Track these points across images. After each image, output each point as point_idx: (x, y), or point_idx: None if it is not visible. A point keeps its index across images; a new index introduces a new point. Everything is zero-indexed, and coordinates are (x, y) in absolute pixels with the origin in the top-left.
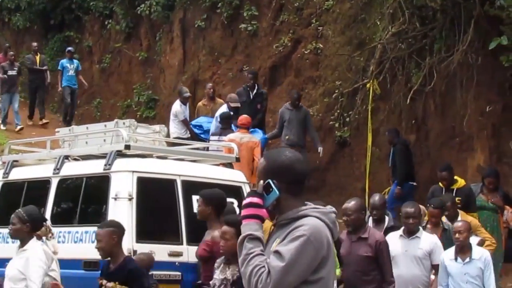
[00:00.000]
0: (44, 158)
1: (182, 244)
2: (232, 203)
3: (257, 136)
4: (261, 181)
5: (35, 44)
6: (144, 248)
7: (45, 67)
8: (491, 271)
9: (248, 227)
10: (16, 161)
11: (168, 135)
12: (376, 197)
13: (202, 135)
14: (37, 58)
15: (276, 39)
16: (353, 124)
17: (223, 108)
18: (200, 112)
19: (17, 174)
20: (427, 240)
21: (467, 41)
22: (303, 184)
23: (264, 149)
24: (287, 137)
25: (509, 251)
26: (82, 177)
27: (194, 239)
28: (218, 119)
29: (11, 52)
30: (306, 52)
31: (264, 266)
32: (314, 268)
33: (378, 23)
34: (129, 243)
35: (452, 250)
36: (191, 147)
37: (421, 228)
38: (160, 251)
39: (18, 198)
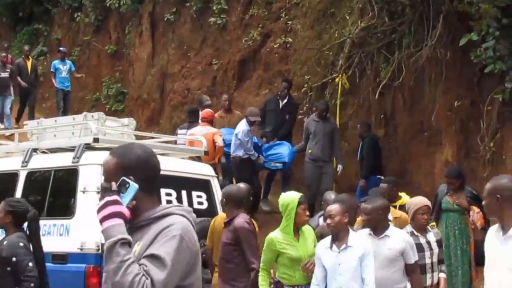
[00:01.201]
0: (13, 151)
1: None
2: (208, 219)
3: (284, 149)
4: (113, 182)
5: (26, 48)
6: None
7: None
8: (370, 261)
9: (116, 230)
10: None
11: (136, 129)
12: (332, 195)
13: (224, 149)
14: (28, 63)
15: (245, 33)
16: None
17: (242, 124)
18: (217, 124)
19: None
20: (398, 238)
21: (436, 36)
22: (157, 181)
23: (292, 163)
24: (310, 150)
25: (479, 253)
26: (51, 170)
27: None
28: (239, 136)
29: (3, 54)
30: (275, 46)
31: (144, 275)
32: (188, 270)
33: (347, 18)
34: (97, 237)
35: (329, 238)
36: (160, 141)
37: (391, 226)
38: None
39: None
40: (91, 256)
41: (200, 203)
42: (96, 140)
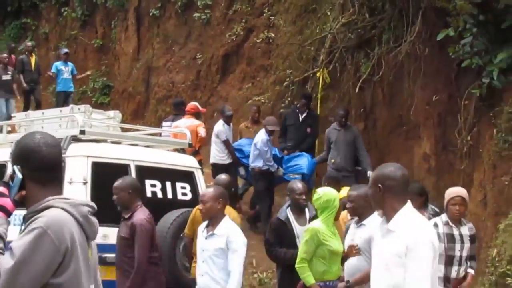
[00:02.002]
0: (1, 143)
1: None
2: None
3: (303, 160)
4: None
5: (29, 44)
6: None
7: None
8: (236, 252)
9: None
10: None
11: (122, 121)
12: (299, 184)
13: (243, 160)
14: (32, 59)
15: (229, 28)
16: None
17: (261, 134)
18: (242, 135)
19: None
20: (373, 227)
21: (414, 32)
22: (53, 172)
23: (313, 174)
24: (332, 160)
25: None
26: None
27: None
28: (257, 145)
29: (5, 55)
30: (258, 41)
31: None
32: (55, 268)
33: (329, 14)
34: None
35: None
36: (145, 133)
37: (374, 214)
38: (114, 234)
39: None
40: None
41: (184, 194)
42: (82, 132)
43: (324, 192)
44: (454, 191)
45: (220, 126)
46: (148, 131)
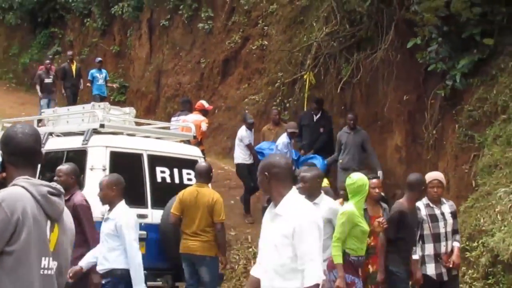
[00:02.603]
0: None
1: (147, 208)
2: None
3: (315, 162)
4: None
5: (70, 52)
6: None
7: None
8: (127, 232)
9: None
10: None
11: (136, 116)
12: (308, 173)
13: None
14: (73, 66)
15: (228, 37)
16: (292, 109)
17: (283, 137)
18: (265, 137)
19: None
20: (325, 206)
21: (388, 41)
22: (27, 157)
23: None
24: (340, 160)
25: None
26: (64, 151)
27: (157, 204)
28: (278, 147)
29: (47, 61)
30: (253, 48)
31: None
32: (7, 236)
33: (314, 25)
34: (102, 207)
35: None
36: (156, 127)
37: (322, 194)
38: None
39: None
40: (98, 223)
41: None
42: (102, 125)
43: (358, 178)
44: (432, 175)
45: (243, 132)
46: (158, 125)
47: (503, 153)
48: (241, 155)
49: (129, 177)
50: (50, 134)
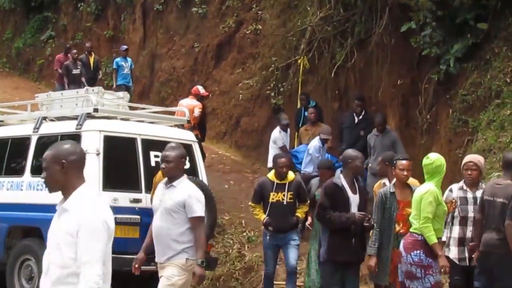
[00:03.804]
0: (25, 119)
1: (141, 192)
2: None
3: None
4: None
5: (88, 44)
6: (109, 195)
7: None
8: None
9: None
10: (1, 121)
11: (130, 101)
12: (355, 153)
13: (298, 165)
14: (91, 59)
15: (222, 21)
16: (286, 93)
17: (315, 140)
18: (302, 137)
19: (2, 132)
20: (181, 190)
21: (382, 25)
22: None
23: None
24: (369, 165)
25: None
26: (57, 135)
27: (151, 188)
28: (310, 151)
29: (74, 51)
30: (247, 32)
31: None
32: None
33: (308, 9)
34: (96, 191)
35: None
36: (150, 111)
37: (183, 177)
38: (123, 198)
39: (3, 152)
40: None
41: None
42: (96, 110)
43: (436, 158)
44: (468, 158)
45: (276, 133)
46: (152, 110)
47: (496, 137)
48: None
49: (123, 161)
50: (44, 118)
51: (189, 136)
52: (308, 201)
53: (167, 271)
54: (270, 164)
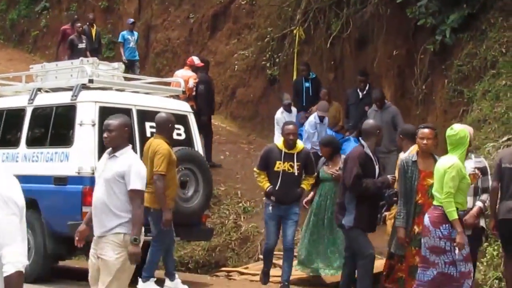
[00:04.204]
0: (20, 91)
1: None
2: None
3: (349, 145)
4: None
5: (91, 15)
6: None
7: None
8: None
9: None
10: None
11: (124, 72)
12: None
13: None
14: (93, 30)
15: None
16: (281, 64)
17: (311, 117)
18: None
19: None
20: (123, 161)
21: None
22: None
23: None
24: None
25: None
26: (52, 106)
27: None
28: (305, 127)
29: (79, 24)
30: (243, 2)
31: None
32: None
33: None
34: (92, 162)
35: None
36: (145, 82)
37: (127, 148)
38: None
39: None
40: (87, 178)
41: (179, 134)
42: (91, 81)
43: (460, 129)
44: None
45: (278, 114)
46: (147, 80)
47: (492, 108)
48: (278, 139)
49: None
50: (39, 89)
51: (184, 107)
52: (315, 174)
53: (104, 251)
54: None
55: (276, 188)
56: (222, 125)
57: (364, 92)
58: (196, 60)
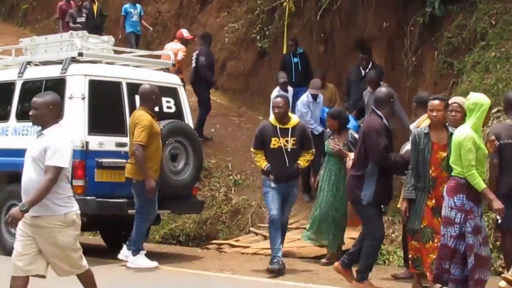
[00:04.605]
0: (10, 64)
1: (126, 136)
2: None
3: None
4: None
5: None
6: (95, 139)
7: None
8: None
9: None
10: None
11: (114, 45)
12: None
13: None
14: (94, 6)
15: None
16: (271, 36)
17: (304, 96)
18: None
19: None
20: (47, 137)
21: None
22: None
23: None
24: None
25: None
26: (42, 80)
27: None
28: (298, 106)
29: None
30: None
31: None
32: None
33: None
34: (82, 135)
35: None
36: (135, 55)
37: (55, 125)
38: (109, 142)
39: None
40: (77, 152)
41: (169, 107)
42: (80, 54)
43: (476, 96)
44: (453, 99)
45: (274, 93)
46: (137, 53)
47: (481, 79)
48: None
49: (108, 105)
50: (28, 63)
51: (174, 80)
52: (313, 150)
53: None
54: None
55: (273, 166)
56: (212, 97)
57: (367, 70)
58: (185, 33)
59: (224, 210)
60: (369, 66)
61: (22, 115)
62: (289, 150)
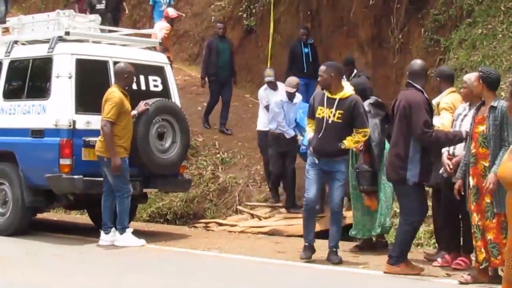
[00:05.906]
0: None
1: None
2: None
3: None
4: None
5: None
6: (82, 118)
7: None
8: None
9: None
10: None
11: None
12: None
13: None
14: None
15: None
16: (258, 14)
17: (279, 95)
18: None
19: None
20: None
21: None
22: None
23: None
24: None
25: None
26: (29, 59)
27: None
28: (271, 105)
29: None
30: None
31: None
32: None
33: None
34: (69, 114)
35: None
36: (122, 34)
37: None
38: (95, 121)
39: None
40: (64, 131)
41: (155, 86)
42: (67, 33)
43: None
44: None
45: (261, 91)
46: (124, 32)
47: (468, 56)
48: (261, 120)
49: (95, 84)
50: (15, 42)
51: (161, 58)
52: (367, 130)
53: None
54: (257, 127)
55: (314, 138)
56: (199, 76)
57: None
58: (171, 11)
59: (211, 189)
60: (351, 77)
61: (9, 94)
62: (329, 122)
